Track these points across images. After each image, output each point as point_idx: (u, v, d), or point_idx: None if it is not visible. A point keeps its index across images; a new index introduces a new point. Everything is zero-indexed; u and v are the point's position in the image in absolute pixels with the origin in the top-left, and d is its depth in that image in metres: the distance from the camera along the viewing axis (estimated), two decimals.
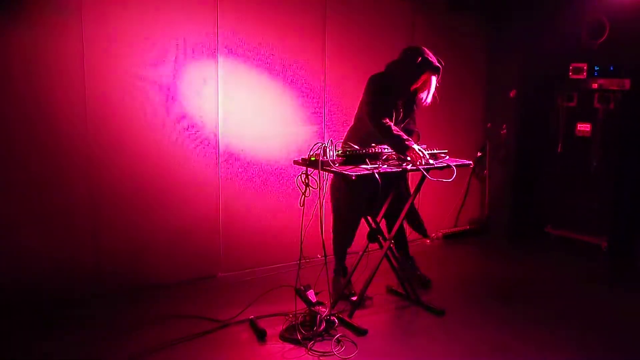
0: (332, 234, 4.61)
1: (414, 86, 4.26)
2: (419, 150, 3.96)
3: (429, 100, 4.31)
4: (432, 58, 4.17)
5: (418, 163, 3.92)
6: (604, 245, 5.70)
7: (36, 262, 4.18)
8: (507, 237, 6.24)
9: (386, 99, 4.24)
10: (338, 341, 3.76)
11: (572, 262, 5.56)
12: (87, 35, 4.17)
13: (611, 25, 5.58)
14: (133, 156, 4.47)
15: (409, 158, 3.97)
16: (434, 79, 4.23)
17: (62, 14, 4.08)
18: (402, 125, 4.39)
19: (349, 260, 4.59)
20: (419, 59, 4.12)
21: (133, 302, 4.36)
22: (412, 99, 4.40)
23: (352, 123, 4.49)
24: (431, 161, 4.01)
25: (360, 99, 4.38)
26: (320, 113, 5.27)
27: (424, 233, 4.89)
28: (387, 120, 4.13)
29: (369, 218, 4.26)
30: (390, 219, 4.51)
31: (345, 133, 4.50)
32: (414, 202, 4.46)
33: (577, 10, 5.77)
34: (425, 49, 4.20)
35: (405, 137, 4.04)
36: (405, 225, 4.77)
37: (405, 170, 3.97)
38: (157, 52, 4.45)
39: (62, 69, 4.13)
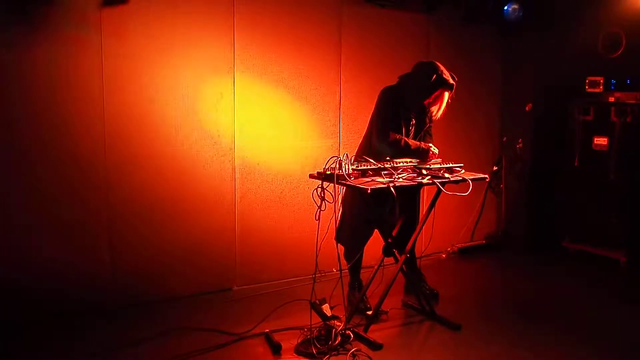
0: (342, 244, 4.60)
1: (427, 102, 4.28)
2: (433, 147, 4.30)
3: (439, 115, 4.33)
4: (447, 74, 4.18)
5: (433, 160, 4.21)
6: (622, 260, 5.63)
7: (53, 273, 4.21)
8: (523, 251, 6.19)
9: (395, 114, 4.27)
10: (353, 355, 3.74)
11: (590, 277, 5.50)
12: (106, 50, 4.23)
13: (627, 38, 5.55)
14: (150, 170, 4.50)
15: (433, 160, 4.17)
16: (446, 94, 4.25)
17: (83, 29, 4.15)
18: (416, 139, 4.42)
19: (364, 275, 4.58)
20: (434, 76, 4.13)
21: (148, 315, 4.38)
22: (424, 112, 4.42)
23: (364, 135, 4.50)
24: (447, 175, 4.01)
25: (372, 113, 4.40)
26: (336, 127, 5.28)
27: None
28: (396, 135, 4.19)
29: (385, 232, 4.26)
30: (405, 233, 4.49)
31: (358, 146, 4.51)
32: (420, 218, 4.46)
33: (592, 24, 5.75)
34: (439, 65, 4.21)
35: (419, 143, 4.27)
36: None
37: (421, 184, 3.96)
38: (175, 66, 4.50)
39: (82, 83, 4.20)
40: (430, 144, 4.32)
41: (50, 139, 4.14)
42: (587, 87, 5.86)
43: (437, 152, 4.30)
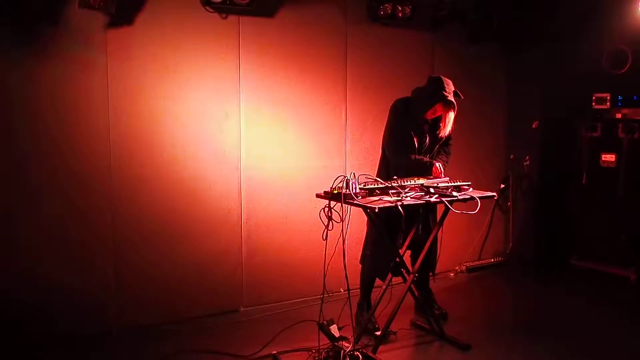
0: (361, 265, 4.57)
1: (427, 115, 4.29)
2: (439, 165, 4.27)
3: (446, 132, 4.34)
4: (448, 90, 4.18)
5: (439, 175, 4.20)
6: (632, 278, 5.57)
7: (58, 294, 4.18)
8: (532, 269, 6.13)
9: (403, 125, 4.29)
10: None
11: (600, 295, 5.43)
12: (112, 71, 4.24)
13: (633, 54, 5.54)
14: (155, 190, 4.49)
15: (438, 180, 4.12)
16: (451, 114, 4.25)
17: (89, 50, 4.16)
18: (431, 153, 4.43)
19: (373, 294, 4.53)
20: (432, 90, 4.16)
21: (154, 338, 4.33)
22: (428, 124, 4.42)
23: (381, 154, 4.51)
24: (455, 193, 3.98)
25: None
26: (343, 146, 5.27)
27: (432, 268, 4.74)
28: (401, 147, 4.24)
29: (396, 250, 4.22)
30: (415, 251, 4.46)
31: (378, 165, 4.51)
32: (437, 235, 4.42)
33: (598, 40, 5.75)
34: (444, 80, 4.22)
35: (424, 158, 4.28)
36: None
37: (428, 203, 3.93)
38: (180, 87, 4.51)
39: (88, 104, 4.20)
40: (437, 162, 4.29)
41: (55, 159, 4.14)
42: (593, 103, 5.85)
43: (441, 169, 4.27)
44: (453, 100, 4.19)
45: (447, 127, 4.31)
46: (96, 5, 3.91)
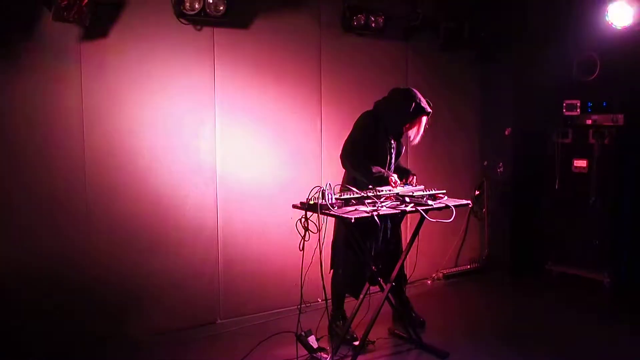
0: (331, 278, 4.56)
1: (405, 127, 4.33)
2: (393, 176, 4.16)
3: (417, 140, 4.38)
4: (424, 102, 4.23)
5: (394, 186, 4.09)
6: (606, 281, 5.65)
7: (30, 311, 4.11)
8: (508, 275, 6.19)
9: (373, 139, 4.29)
10: None
11: (575, 299, 5.51)
12: (86, 83, 4.21)
13: (602, 61, 5.65)
14: (131, 201, 4.45)
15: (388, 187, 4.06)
16: (424, 120, 4.30)
17: (62, 62, 4.13)
18: (395, 164, 4.45)
19: (351, 304, 4.53)
20: (413, 104, 4.19)
21: (129, 351, 4.28)
22: (401, 137, 4.47)
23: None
24: (430, 202, 4.01)
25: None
26: (318, 154, 5.28)
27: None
28: (361, 159, 4.19)
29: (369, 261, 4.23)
30: (390, 261, 4.47)
31: (343, 175, 4.50)
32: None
33: (568, 48, 5.85)
34: (416, 92, 4.27)
35: (383, 170, 4.18)
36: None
37: (405, 212, 3.96)
38: (155, 98, 4.49)
39: (62, 116, 4.16)
40: (394, 174, 4.23)
41: (29, 171, 4.08)
42: (564, 110, 5.94)
43: (398, 181, 4.17)
44: (431, 109, 4.25)
45: (420, 135, 4.36)
46: (70, 18, 3.87)
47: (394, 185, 4.09)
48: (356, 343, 4.19)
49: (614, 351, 4.34)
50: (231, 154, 4.85)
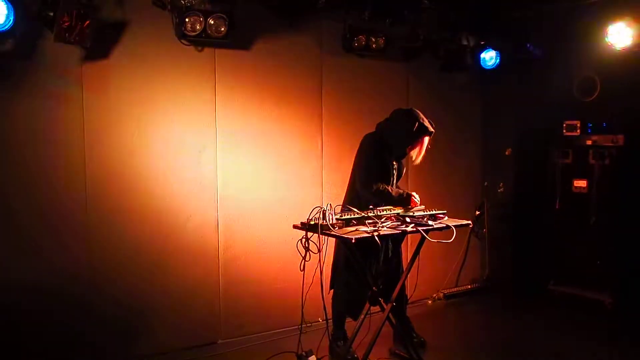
0: (332, 298, 4.55)
1: (409, 148, 4.35)
2: (415, 194, 4.28)
3: (419, 160, 4.42)
4: (427, 122, 4.27)
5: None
6: (608, 302, 5.63)
7: (32, 329, 4.10)
8: (509, 295, 6.17)
9: (382, 161, 4.31)
10: None
11: (576, 320, 5.48)
12: (87, 104, 4.23)
13: (602, 82, 5.69)
14: (132, 222, 4.46)
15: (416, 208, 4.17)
16: (426, 140, 4.33)
17: (64, 84, 4.15)
18: (396, 184, 4.47)
19: (351, 324, 4.51)
20: (416, 124, 4.22)
21: None
22: (404, 157, 4.50)
23: (349, 184, 4.51)
24: (430, 222, 4.01)
25: (354, 160, 4.43)
26: (319, 177, 5.30)
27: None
28: (380, 185, 4.21)
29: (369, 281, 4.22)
30: (391, 281, 4.46)
31: (344, 195, 4.51)
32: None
33: (568, 69, 5.90)
34: (419, 112, 4.30)
35: (401, 190, 4.29)
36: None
37: (406, 232, 3.96)
38: (156, 120, 4.51)
39: (63, 137, 4.18)
40: (413, 192, 4.34)
41: (33, 190, 4.09)
42: (564, 130, 5.96)
43: (419, 199, 4.31)
44: (434, 129, 4.28)
45: (422, 155, 4.39)
46: (72, 39, 3.90)
47: (416, 204, 4.20)
48: None
49: None
50: (232, 175, 4.86)
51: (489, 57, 5.91)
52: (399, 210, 4.09)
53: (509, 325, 5.43)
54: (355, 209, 3.94)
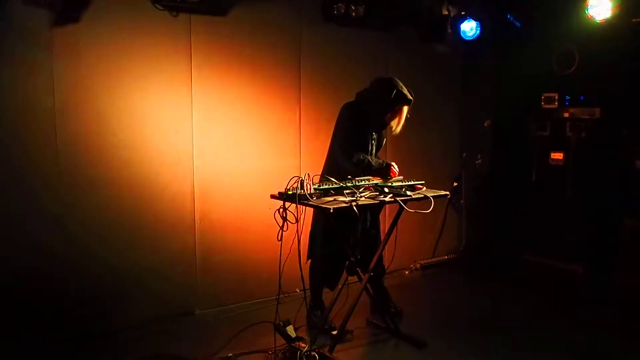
0: (309, 268, 4.55)
1: (387, 116, 4.31)
2: (394, 164, 4.33)
3: (398, 130, 4.38)
4: (405, 90, 4.24)
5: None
6: (580, 272, 5.72)
7: (5, 305, 4.03)
8: (485, 265, 6.22)
9: (359, 131, 4.29)
10: None
11: (549, 289, 5.57)
12: (58, 71, 4.11)
13: (580, 55, 5.69)
14: (107, 192, 4.38)
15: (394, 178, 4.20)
16: (405, 109, 4.30)
17: (33, 50, 4.01)
18: (375, 154, 4.45)
19: (329, 294, 4.52)
20: (394, 91, 4.18)
21: (107, 342, 4.23)
22: (384, 127, 4.47)
23: (327, 154, 4.47)
24: (409, 192, 4.01)
25: (333, 130, 4.39)
26: (297, 146, 5.25)
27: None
28: (360, 154, 4.21)
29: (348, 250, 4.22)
30: (368, 251, 4.47)
31: (323, 165, 4.48)
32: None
33: (548, 41, 5.89)
34: (398, 80, 4.26)
35: (381, 160, 4.31)
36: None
37: (384, 202, 3.95)
38: (130, 87, 4.40)
39: (33, 104, 4.05)
40: (393, 162, 4.33)
41: (2, 164, 3.98)
42: (543, 103, 5.98)
43: (397, 170, 4.30)
44: (412, 98, 4.25)
45: (401, 125, 4.36)
46: (42, 1, 3.78)
47: (395, 174, 4.20)
48: (334, 332, 4.17)
49: (584, 339, 4.39)
50: (208, 144, 4.79)
51: (469, 28, 5.86)
52: (378, 181, 4.08)
53: (484, 294, 5.49)
54: (333, 179, 3.92)
